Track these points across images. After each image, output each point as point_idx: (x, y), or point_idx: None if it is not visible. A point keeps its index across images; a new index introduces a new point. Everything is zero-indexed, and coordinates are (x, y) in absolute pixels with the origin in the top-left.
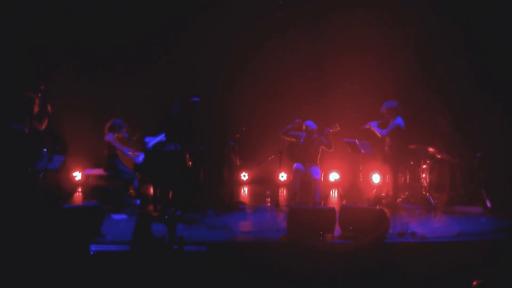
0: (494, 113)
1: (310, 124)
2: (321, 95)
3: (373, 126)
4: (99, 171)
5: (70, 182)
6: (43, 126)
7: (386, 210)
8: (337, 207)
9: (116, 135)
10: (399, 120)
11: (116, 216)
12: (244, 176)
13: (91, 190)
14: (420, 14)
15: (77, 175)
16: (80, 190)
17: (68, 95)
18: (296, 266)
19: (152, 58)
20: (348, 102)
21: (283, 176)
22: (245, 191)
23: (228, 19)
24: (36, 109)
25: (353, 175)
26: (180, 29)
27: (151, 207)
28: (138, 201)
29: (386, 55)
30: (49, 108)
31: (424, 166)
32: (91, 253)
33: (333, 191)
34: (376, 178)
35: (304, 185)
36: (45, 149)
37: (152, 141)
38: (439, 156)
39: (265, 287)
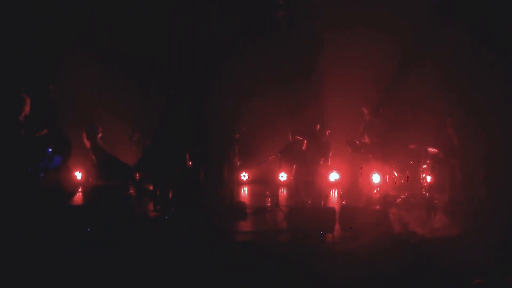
0: (495, 113)
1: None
2: (322, 95)
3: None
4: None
5: (71, 182)
6: (41, 133)
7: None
8: (337, 207)
9: (99, 136)
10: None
11: (116, 216)
12: (244, 176)
13: (91, 190)
14: (422, 14)
15: (77, 175)
16: (80, 190)
17: (68, 95)
18: (296, 266)
19: (152, 58)
20: (348, 103)
21: (283, 176)
22: (245, 191)
23: (229, 19)
24: (28, 109)
25: (353, 175)
26: (180, 29)
27: (151, 207)
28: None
29: (387, 55)
30: (57, 122)
31: (424, 166)
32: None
33: (333, 191)
34: (376, 178)
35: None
36: (50, 149)
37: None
38: (441, 156)
39: (265, 287)
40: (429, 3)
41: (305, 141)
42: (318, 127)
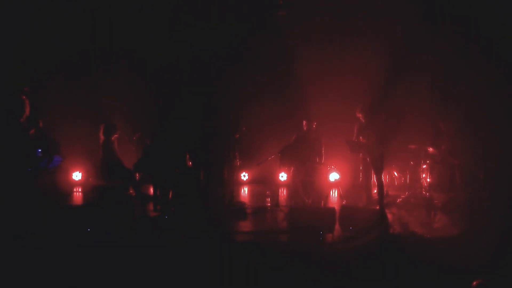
0: (495, 113)
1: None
2: (322, 95)
3: None
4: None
5: (67, 182)
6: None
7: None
8: (337, 207)
9: (114, 135)
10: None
11: (116, 216)
12: (244, 176)
13: (91, 190)
14: (419, 15)
15: (78, 175)
16: (80, 190)
17: (69, 96)
18: (296, 266)
19: (153, 59)
20: (347, 103)
21: (283, 176)
22: (245, 191)
23: (229, 19)
24: (28, 110)
25: (353, 175)
26: (179, 29)
27: (151, 207)
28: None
29: (384, 57)
30: (40, 124)
31: (424, 166)
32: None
33: (333, 191)
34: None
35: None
36: (39, 150)
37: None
38: (440, 157)
39: (265, 287)
40: (424, 7)
41: (297, 141)
42: (304, 123)
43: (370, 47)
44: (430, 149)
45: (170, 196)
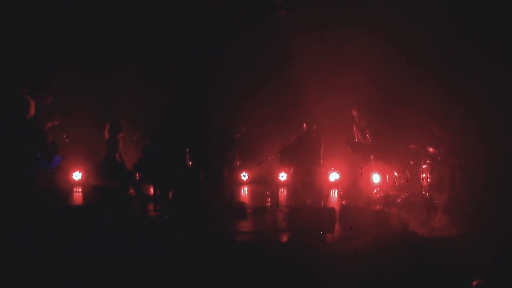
0: (494, 113)
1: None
2: (322, 95)
3: None
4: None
5: (67, 182)
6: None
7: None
8: (337, 207)
9: (119, 135)
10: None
11: (116, 216)
12: (244, 176)
13: (91, 190)
14: (418, 14)
15: (77, 175)
16: (80, 190)
17: (69, 96)
18: (296, 266)
19: (153, 58)
20: (348, 104)
21: (283, 176)
22: (245, 191)
23: (229, 19)
24: (33, 111)
25: (353, 175)
26: (179, 29)
27: (151, 207)
28: None
29: (383, 55)
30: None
31: (424, 166)
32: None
33: (333, 191)
34: (376, 178)
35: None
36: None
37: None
38: (440, 157)
39: (265, 287)
40: (424, 7)
41: (297, 141)
42: (304, 125)
43: (371, 47)
44: (430, 149)
45: (170, 196)
